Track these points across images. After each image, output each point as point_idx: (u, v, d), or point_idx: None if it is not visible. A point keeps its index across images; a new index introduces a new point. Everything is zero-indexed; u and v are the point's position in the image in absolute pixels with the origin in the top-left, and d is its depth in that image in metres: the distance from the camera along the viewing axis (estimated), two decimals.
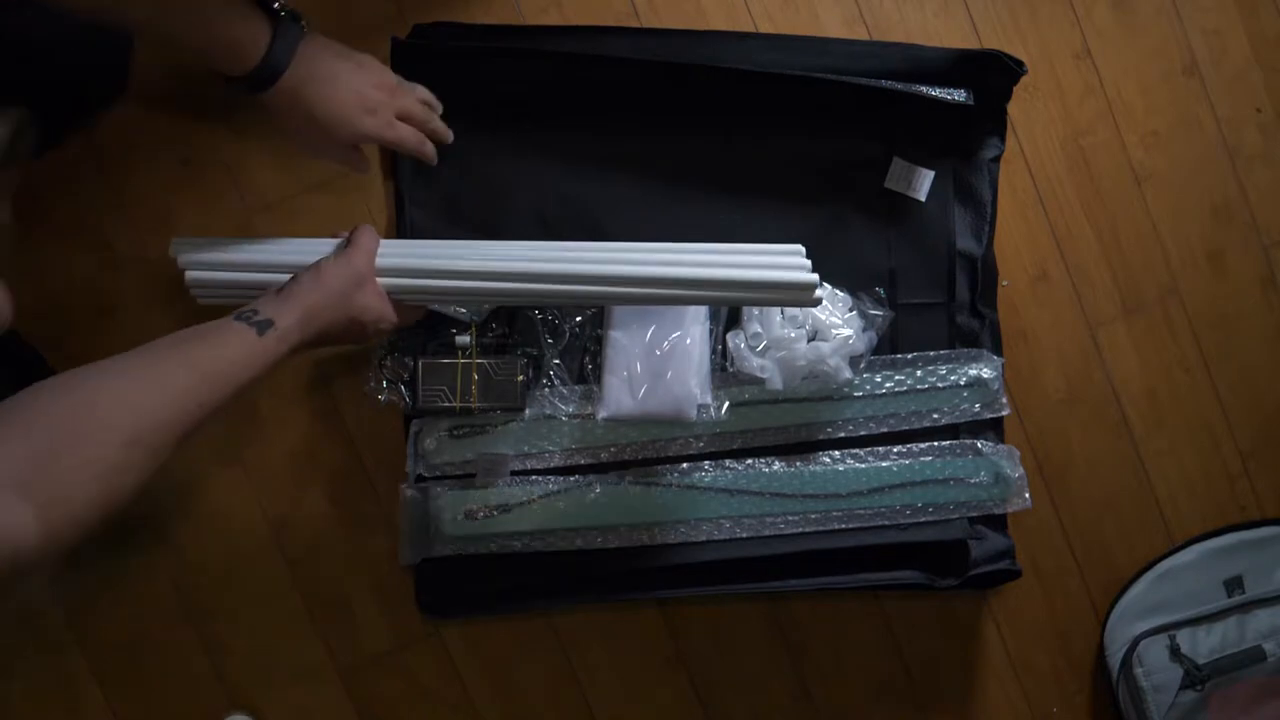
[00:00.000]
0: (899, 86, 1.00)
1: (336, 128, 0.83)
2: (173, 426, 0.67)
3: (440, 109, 0.94)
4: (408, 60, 0.98)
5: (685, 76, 1.00)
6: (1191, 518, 1.13)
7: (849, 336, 0.99)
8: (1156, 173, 1.12)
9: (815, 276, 0.86)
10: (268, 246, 0.88)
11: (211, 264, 0.86)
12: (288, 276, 0.81)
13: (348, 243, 0.84)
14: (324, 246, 0.86)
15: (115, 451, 0.63)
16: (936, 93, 1.01)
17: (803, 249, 0.89)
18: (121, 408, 0.63)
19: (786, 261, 0.88)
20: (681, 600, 1.05)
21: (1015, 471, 1.05)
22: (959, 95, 1.02)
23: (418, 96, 0.91)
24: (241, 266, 0.86)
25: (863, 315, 1.01)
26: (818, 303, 0.88)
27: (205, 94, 0.99)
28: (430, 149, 0.91)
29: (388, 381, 0.97)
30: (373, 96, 0.84)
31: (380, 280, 0.84)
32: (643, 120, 1.02)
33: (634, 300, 0.91)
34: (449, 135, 0.93)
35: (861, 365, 1.02)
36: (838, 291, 1.02)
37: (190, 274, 0.86)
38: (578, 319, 1.00)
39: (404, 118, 0.88)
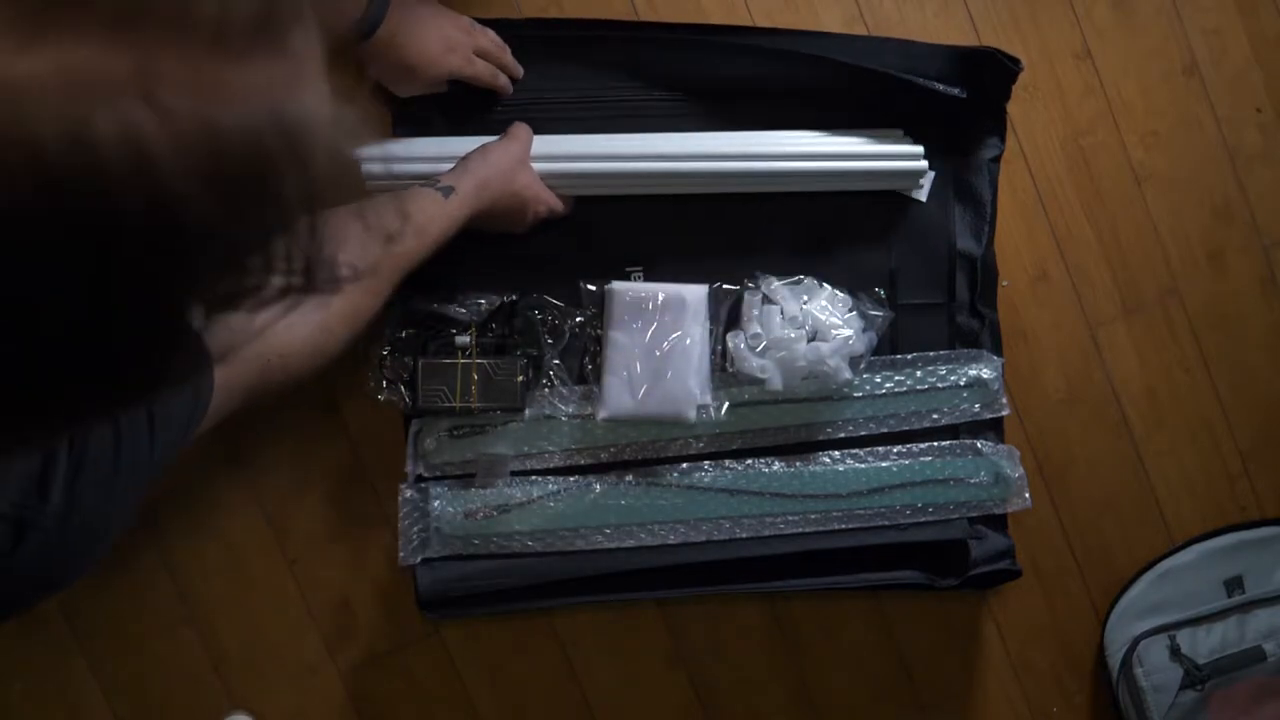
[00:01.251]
0: (894, 73, 1.00)
1: (425, 69, 0.93)
2: (395, 262, 0.81)
3: (509, 50, 1.00)
4: None
5: (683, 60, 1.02)
6: (1191, 518, 1.13)
7: (849, 337, 0.99)
8: (1156, 173, 1.12)
9: (921, 148, 1.00)
10: (431, 142, 0.97)
11: (384, 157, 0.96)
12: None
13: (506, 134, 0.95)
14: (483, 140, 0.95)
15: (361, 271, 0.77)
16: (932, 83, 1.01)
17: (902, 131, 1.02)
18: (359, 236, 0.74)
19: (891, 144, 1.01)
20: (681, 600, 1.05)
21: (1015, 471, 1.05)
22: (953, 90, 1.01)
23: (489, 38, 0.98)
24: (409, 159, 0.95)
25: (863, 316, 1.01)
26: (921, 173, 1.01)
27: None
28: (504, 80, 0.99)
29: (387, 381, 0.97)
30: (454, 36, 0.94)
31: (535, 165, 0.95)
32: (643, 113, 1.02)
33: (760, 180, 1.00)
34: (519, 70, 1.00)
35: (861, 366, 1.01)
36: (838, 292, 1.02)
37: (366, 167, 0.92)
38: (578, 319, 1.00)
39: (480, 54, 0.96)
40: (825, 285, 1.02)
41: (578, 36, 1.02)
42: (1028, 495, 1.05)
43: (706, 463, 1.02)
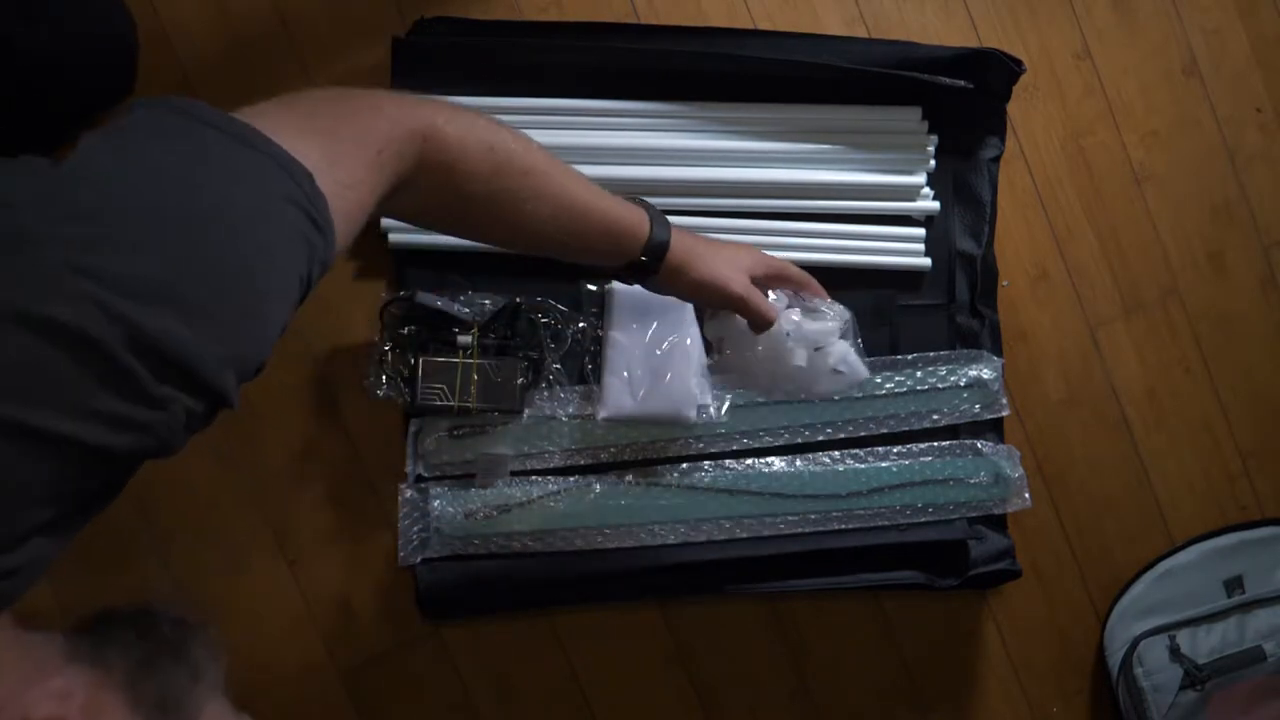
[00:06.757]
0: (901, 73, 1.00)
1: (722, 286, 0.87)
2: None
3: (811, 279, 0.95)
4: (410, 59, 0.98)
5: (683, 64, 1.01)
6: (1191, 518, 1.13)
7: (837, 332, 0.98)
8: (1156, 173, 1.12)
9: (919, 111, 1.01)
10: None
11: None
12: None
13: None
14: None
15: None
16: (939, 78, 1.00)
17: (920, 111, 1.03)
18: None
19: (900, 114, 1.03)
20: (681, 600, 1.05)
21: (1015, 471, 1.05)
22: (959, 82, 1.01)
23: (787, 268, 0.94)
24: None
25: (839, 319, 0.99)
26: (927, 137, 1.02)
27: (206, 95, 0.99)
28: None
29: (387, 377, 0.97)
30: (742, 258, 0.89)
31: None
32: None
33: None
34: (823, 290, 0.95)
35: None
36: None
37: None
38: (580, 325, 1.00)
39: (776, 277, 0.92)
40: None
41: (567, 48, 1.00)
42: (1028, 495, 1.05)
43: (706, 463, 1.02)
